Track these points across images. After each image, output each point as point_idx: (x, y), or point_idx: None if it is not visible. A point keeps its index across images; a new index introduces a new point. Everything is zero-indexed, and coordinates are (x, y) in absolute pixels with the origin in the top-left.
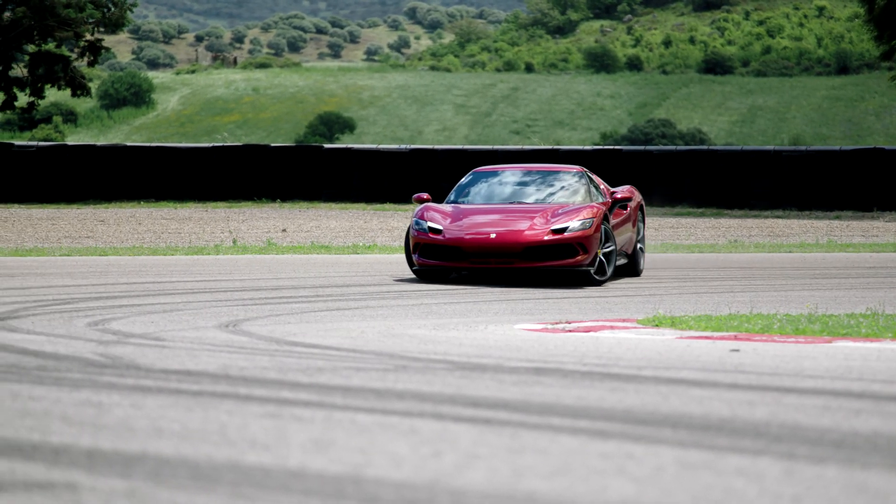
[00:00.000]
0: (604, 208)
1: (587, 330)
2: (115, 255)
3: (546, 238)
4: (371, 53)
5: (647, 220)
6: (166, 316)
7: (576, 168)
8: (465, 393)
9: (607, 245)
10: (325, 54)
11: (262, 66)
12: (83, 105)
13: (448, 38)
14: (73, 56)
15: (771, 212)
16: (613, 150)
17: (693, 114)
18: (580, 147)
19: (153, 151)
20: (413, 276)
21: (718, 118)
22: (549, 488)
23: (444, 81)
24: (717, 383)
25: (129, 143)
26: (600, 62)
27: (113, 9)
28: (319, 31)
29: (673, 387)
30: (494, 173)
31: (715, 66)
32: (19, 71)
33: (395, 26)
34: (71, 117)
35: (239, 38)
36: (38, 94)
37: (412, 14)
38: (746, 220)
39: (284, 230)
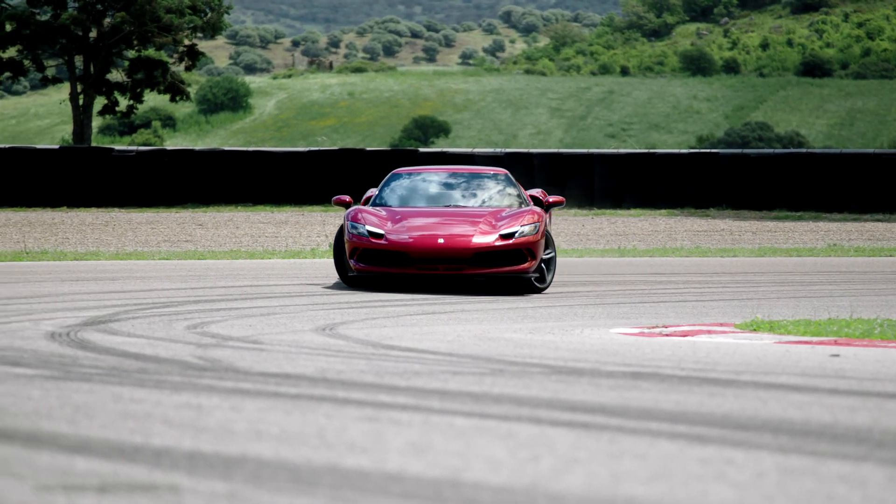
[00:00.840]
0: (544, 212)
1: (684, 334)
2: (213, 259)
3: (497, 243)
4: (466, 57)
5: (746, 223)
6: (264, 319)
7: (499, 170)
8: (561, 397)
9: (547, 251)
10: (420, 58)
11: (358, 70)
12: (182, 110)
13: (543, 41)
14: (172, 61)
15: (871, 215)
16: (710, 153)
17: (791, 117)
18: (676, 150)
19: (250, 156)
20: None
21: (817, 121)
22: (648, 493)
23: (539, 85)
24: (818, 388)
25: (226, 148)
26: (696, 65)
27: (210, 13)
28: (415, 35)
29: (772, 392)
30: (418, 174)
31: (813, 68)
32: (119, 76)
33: (490, 30)
34: (170, 122)
35: (335, 43)
36: (138, 98)
37: (507, 18)
38: (845, 224)
39: None
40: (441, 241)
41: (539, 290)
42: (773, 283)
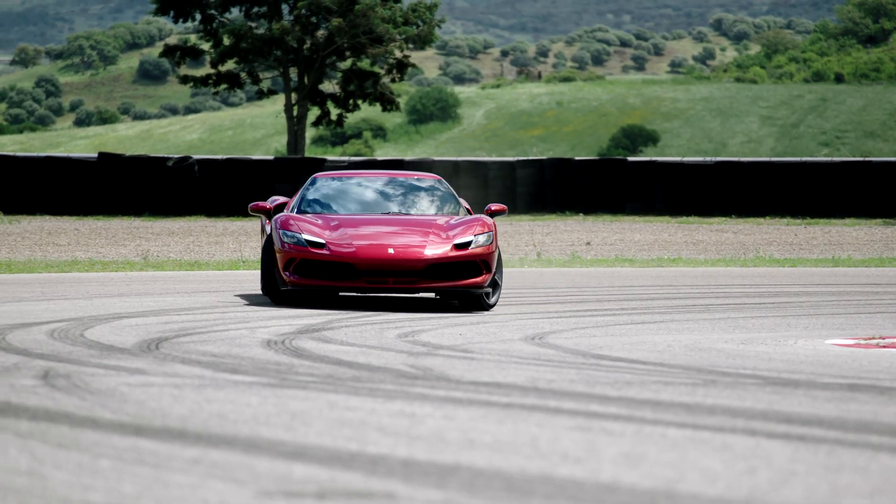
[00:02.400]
0: (493, 221)
1: None
2: None
3: (451, 254)
4: (675, 66)
5: None
6: (473, 328)
7: (433, 176)
8: (777, 409)
9: (497, 264)
10: (629, 67)
11: (566, 79)
12: (392, 120)
13: (754, 48)
14: (382, 72)
15: None
16: None
17: None
18: (893, 159)
19: (459, 165)
20: (270, 298)
21: None
22: None
23: (750, 93)
24: None
25: (434, 158)
26: None
27: (422, 25)
28: (623, 43)
29: None
30: (348, 179)
31: None
32: (332, 87)
33: (700, 38)
34: (380, 132)
35: (543, 53)
36: (351, 109)
37: (718, 25)
38: None
39: (588, 243)
40: (391, 251)
41: (489, 308)
42: None
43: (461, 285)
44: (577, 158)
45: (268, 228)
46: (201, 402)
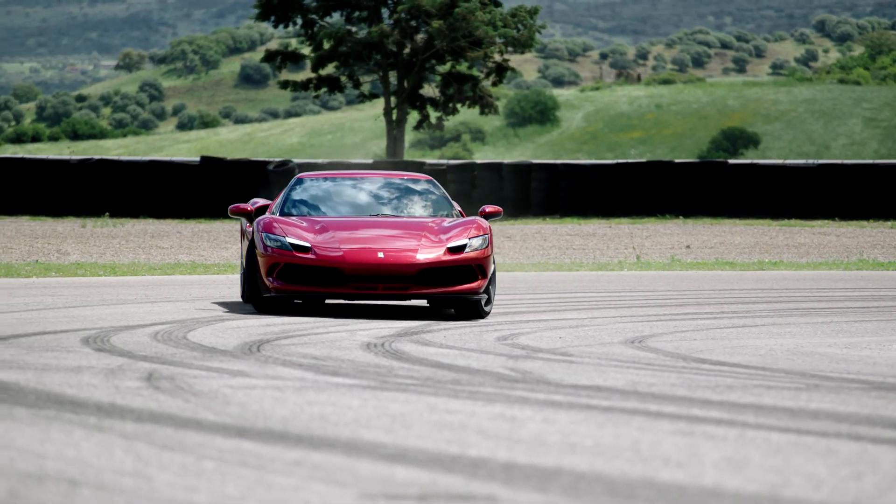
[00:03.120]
0: (488, 224)
1: None
2: (522, 271)
3: (445, 258)
4: (777, 67)
5: None
6: (572, 331)
7: (423, 176)
8: (882, 414)
9: (491, 269)
10: (730, 69)
11: (666, 82)
12: (490, 123)
13: (858, 50)
14: (481, 76)
15: None
16: None
17: None
18: None
19: (558, 168)
20: (252, 307)
21: None
22: None
23: (854, 95)
24: None
25: (534, 161)
26: None
27: (522, 29)
28: (724, 45)
29: None
30: (331, 180)
31: None
32: (431, 91)
33: (802, 40)
34: (479, 135)
35: (643, 55)
36: (450, 112)
37: (821, 27)
38: None
39: (688, 246)
40: (381, 255)
41: (484, 315)
42: None
43: (455, 291)
44: (676, 161)
45: (249, 232)
46: (303, 404)
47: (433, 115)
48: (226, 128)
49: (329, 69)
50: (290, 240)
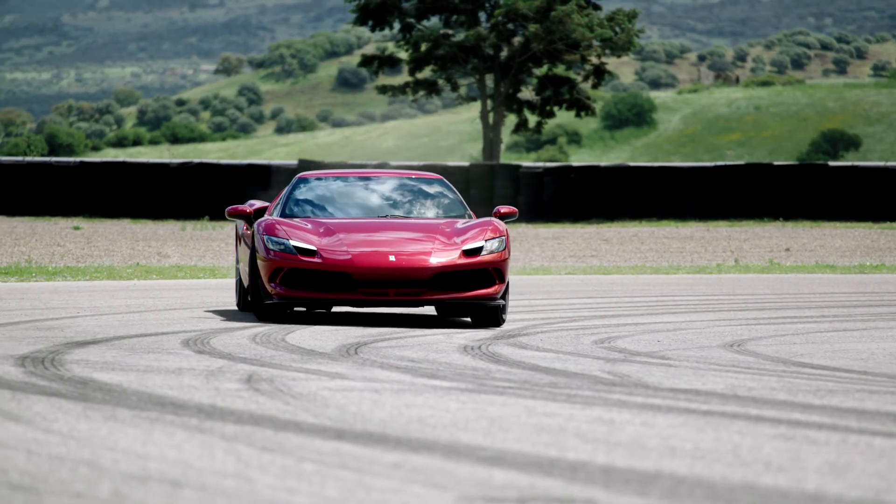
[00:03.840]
0: (506, 226)
1: None
2: (619, 274)
3: (461, 262)
4: (878, 69)
5: None
6: (670, 335)
7: (433, 175)
8: None
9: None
10: (830, 70)
11: (765, 84)
12: (587, 126)
13: None
14: (579, 79)
15: None
16: None
17: None
18: None
19: (655, 171)
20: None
21: None
22: None
23: None
24: None
25: (631, 164)
26: None
27: (620, 33)
28: (824, 47)
29: None
30: (334, 180)
31: None
32: (528, 94)
33: None
34: (575, 138)
35: (741, 57)
36: (547, 115)
37: None
38: None
39: (788, 249)
40: (392, 258)
41: (501, 323)
42: None
43: (471, 297)
44: (776, 163)
45: (240, 230)
46: (401, 406)
47: (531, 118)
48: (323, 131)
49: (426, 73)
50: (294, 242)
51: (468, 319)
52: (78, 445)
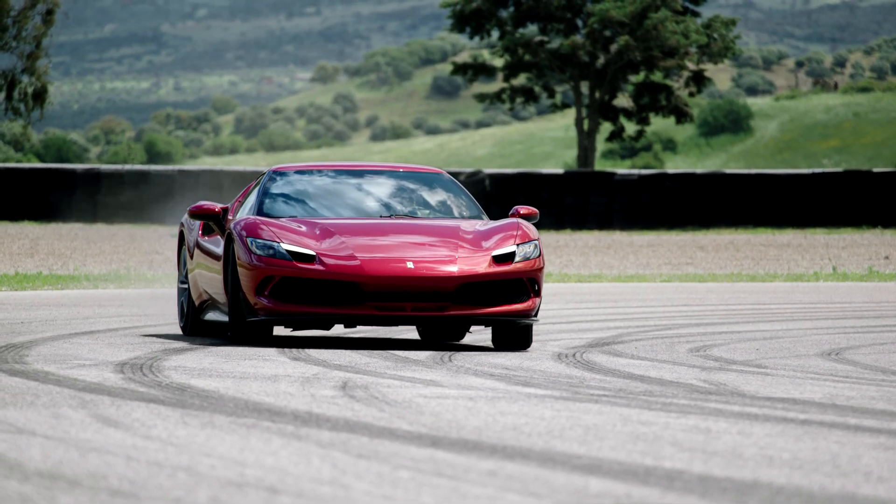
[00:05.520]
0: (532, 227)
1: None
2: (714, 282)
3: (492, 270)
4: None
5: None
6: (766, 343)
7: (434, 169)
8: None
9: None
10: None
11: (864, 90)
12: (682, 133)
13: None
14: (677, 85)
15: None
16: None
17: None
18: None
19: (751, 178)
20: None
21: None
22: None
23: None
24: None
25: (727, 171)
26: None
27: (717, 39)
28: None
29: None
30: (318, 174)
31: None
32: (625, 101)
33: None
34: (670, 145)
35: (840, 63)
36: (644, 122)
37: None
38: None
39: (887, 257)
40: (410, 265)
41: (529, 344)
42: None
43: (503, 313)
44: (875, 170)
45: (191, 235)
46: (495, 414)
47: (629, 126)
48: (418, 139)
49: (521, 80)
50: (286, 246)
51: (465, 334)
52: (176, 451)
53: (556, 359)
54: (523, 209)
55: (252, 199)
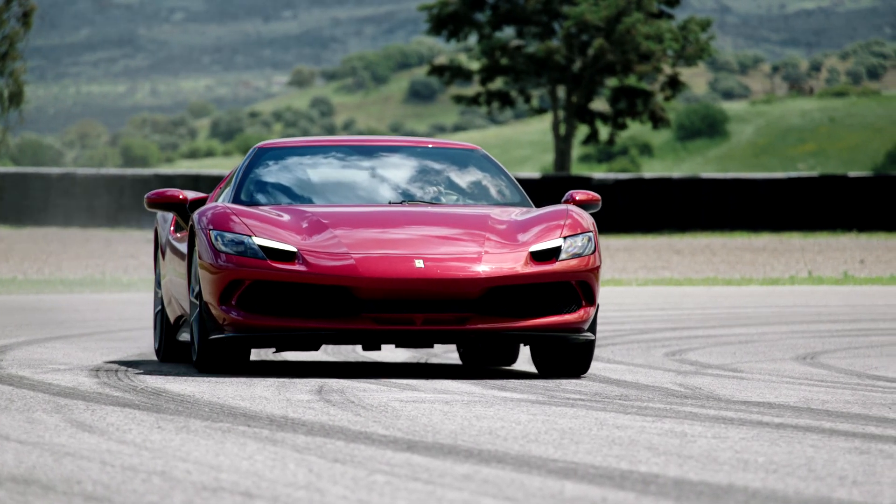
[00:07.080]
0: (587, 215)
1: None
2: (690, 286)
3: (527, 271)
4: None
5: None
6: (742, 347)
7: (469, 145)
8: None
9: None
10: None
11: (839, 94)
12: (658, 137)
13: None
14: (654, 90)
15: None
16: None
17: None
18: None
19: (727, 182)
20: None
21: None
22: None
23: None
24: None
25: (703, 175)
26: None
27: (691, 42)
28: None
29: None
30: (318, 150)
31: None
32: (601, 105)
33: None
34: (646, 150)
35: (816, 67)
36: (620, 127)
37: None
38: None
39: (862, 261)
40: (419, 264)
41: (586, 370)
42: None
43: (544, 326)
44: (850, 175)
45: (163, 234)
46: (471, 418)
47: (603, 130)
48: None
49: (497, 83)
50: (260, 241)
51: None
52: (151, 456)
53: (531, 363)
54: (580, 194)
55: (235, 181)
